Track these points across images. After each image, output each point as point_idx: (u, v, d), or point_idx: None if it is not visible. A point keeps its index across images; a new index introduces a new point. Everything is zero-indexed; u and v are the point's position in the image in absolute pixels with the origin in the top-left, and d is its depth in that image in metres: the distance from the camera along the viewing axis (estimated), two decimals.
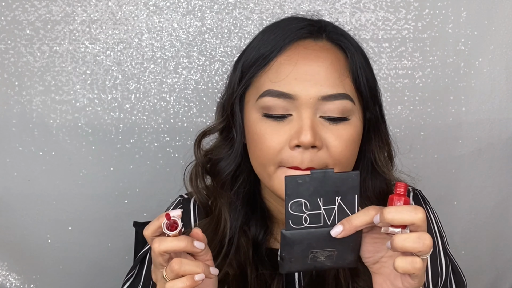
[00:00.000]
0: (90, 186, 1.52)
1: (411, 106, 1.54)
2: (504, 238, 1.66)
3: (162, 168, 1.52)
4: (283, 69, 0.94)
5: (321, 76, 0.92)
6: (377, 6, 1.50)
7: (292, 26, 0.98)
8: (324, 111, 0.92)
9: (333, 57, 0.95)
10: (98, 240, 1.55)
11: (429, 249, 0.78)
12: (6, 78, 1.47)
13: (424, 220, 0.78)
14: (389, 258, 0.85)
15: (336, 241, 0.83)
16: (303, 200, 0.82)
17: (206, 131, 1.07)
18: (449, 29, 1.52)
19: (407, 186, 0.82)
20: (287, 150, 0.92)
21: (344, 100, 0.93)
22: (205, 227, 1.03)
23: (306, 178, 0.81)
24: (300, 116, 0.92)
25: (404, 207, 0.79)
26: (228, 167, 1.03)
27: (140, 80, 1.49)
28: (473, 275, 1.65)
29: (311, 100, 0.91)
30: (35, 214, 1.52)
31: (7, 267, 1.56)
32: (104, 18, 1.46)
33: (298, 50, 0.95)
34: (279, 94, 0.93)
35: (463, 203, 1.62)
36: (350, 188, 0.82)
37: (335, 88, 0.92)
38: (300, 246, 0.84)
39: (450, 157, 1.58)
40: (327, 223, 0.83)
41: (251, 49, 1.00)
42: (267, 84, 0.94)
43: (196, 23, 1.48)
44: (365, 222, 0.81)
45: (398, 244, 0.78)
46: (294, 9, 1.48)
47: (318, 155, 0.92)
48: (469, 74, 1.54)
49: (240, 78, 1.00)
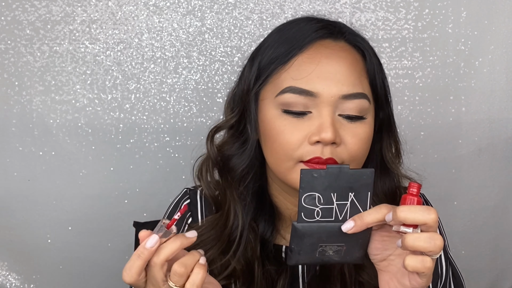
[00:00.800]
0: (90, 186, 1.52)
1: (411, 106, 1.54)
2: (504, 238, 1.66)
3: (162, 168, 1.52)
4: (305, 67, 0.95)
5: (342, 75, 0.95)
6: (377, 6, 1.50)
7: (310, 25, 1.00)
8: (343, 109, 0.95)
9: (352, 57, 0.97)
10: (98, 240, 1.55)
11: (439, 250, 0.79)
12: (6, 78, 1.47)
13: (436, 221, 0.79)
14: (397, 256, 0.86)
15: (345, 237, 0.84)
16: (317, 194, 0.83)
17: (219, 126, 1.08)
18: (449, 29, 1.52)
19: (420, 187, 0.83)
20: (306, 145, 0.94)
21: (363, 100, 0.95)
22: (215, 222, 1.04)
23: (321, 173, 0.82)
24: (320, 114, 0.94)
25: (417, 207, 0.80)
26: (242, 164, 1.04)
27: (140, 80, 1.49)
28: (473, 275, 1.65)
29: (332, 98, 0.93)
30: (35, 214, 1.52)
31: (7, 267, 1.56)
32: (104, 18, 1.46)
33: (319, 50, 0.97)
34: (301, 91, 0.94)
35: (463, 203, 1.62)
36: (363, 185, 0.83)
37: (355, 88, 0.95)
38: (310, 239, 0.85)
39: (450, 157, 1.58)
40: (338, 218, 0.84)
41: (267, 47, 1.01)
42: (288, 81, 0.96)
43: (196, 23, 1.48)
44: (377, 219, 0.82)
45: (409, 243, 0.79)
46: (294, 9, 1.48)
47: (336, 151, 0.94)
48: (469, 74, 1.54)
49: (257, 75, 1.01)
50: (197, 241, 0.99)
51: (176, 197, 1.14)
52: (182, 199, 1.12)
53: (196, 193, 1.12)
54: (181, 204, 1.12)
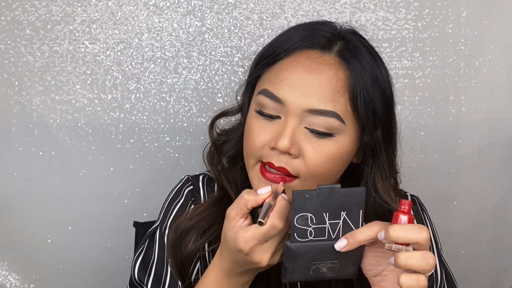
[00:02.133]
0: (90, 186, 1.52)
1: (411, 106, 1.54)
2: (504, 238, 1.66)
3: (162, 168, 1.52)
4: (282, 74, 0.96)
5: (313, 89, 0.93)
6: (377, 6, 1.50)
7: (306, 32, 1.00)
8: (310, 123, 0.94)
9: (332, 73, 0.95)
10: (98, 240, 1.55)
11: (432, 268, 0.80)
12: (6, 78, 1.47)
13: (428, 240, 0.81)
14: (390, 272, 0.87)
15: (339, 254, 0.85)
16: (309, 214, 0.84)
17: (223, 112, 1.12)
18: (449, 29, 1.52)
19: (411, 204, 0.83)
20: (267, 148, 0.95)
21: (331, 118, 0.93)
22: (218, 199, 1.06)
23: (313, 193, 0.83)
24: (285, 122, 0.94)
25: (409, 226, 0.81)
26: (230, 150, 1.08)
27: (140, 80, 1.49)
28: (473, 275, 1.65)
29: (297, 110, 0.93)
30: (35, 214, 1.52)
31: (7, 267, 1.56)
32: (104, 18, 1.46)
33: (300, 59, 0.96)
34: (271, 96, 0.95)
35: (463, 203, 1.61)
36: (355, 204, 0.84)
37: (323, 104, 0.93)
38: (304, 258, 0.86)
39: (450, 157, 1.58)
40: (331, 237, 0.85)
41: (271, 42, 1.03)
42: (266, 83, 0.97)
43: (196, 23, 1.48)
44: (369, 237, 0.83)
45: (403, 262, 0.80)
46: (294, 9, 1.48)
47: (292, 162, 0.94)
48: (469, 74, 1.54)
49: (253, 70, 1.04)
50: (201, 216, 1.02)
51: (178, 184, 1.14)
52: (184, 186, 1.13)
53: (198, 180, 1.13)
54: (183, 190, 1.12)
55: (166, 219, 1.08)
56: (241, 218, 0.89)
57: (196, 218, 1.03)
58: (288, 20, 1.48)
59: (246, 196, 0.89)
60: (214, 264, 0.94)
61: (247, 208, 0.89)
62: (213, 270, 0.94)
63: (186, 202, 1.10)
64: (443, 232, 1.37)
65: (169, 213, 1.09)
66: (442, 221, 1.51)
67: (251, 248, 0.86)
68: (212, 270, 0.94)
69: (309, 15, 1.49)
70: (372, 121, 0.97)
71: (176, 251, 1.02)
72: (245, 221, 0.89)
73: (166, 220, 1.08)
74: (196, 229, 1.03)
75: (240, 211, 0.89)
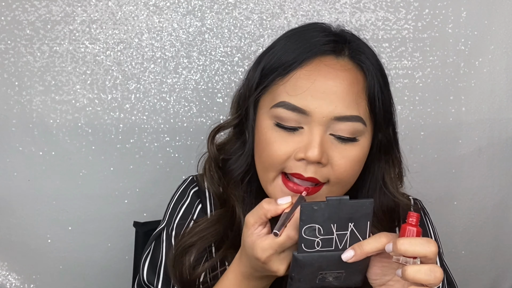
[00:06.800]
0: (90, 186, 1.52)
1: (411, 106, 1.54)
2: (504, 238, 1.66)
3: (162, 168, 1.52)
4: (301, 84, 0.94)
5: (338, 96, 0.93)
6: (377, 6, 1.50)
7: (316, 39, 0.98)
8: (335, 130, 0.93)
9: (352, 77, 0.95)
10: (98, 240, 1.55)
11: (439, 282, 0.81)
12: (6, 78, 1.47)
13: (436, 253, 0.81)
14: (396, 282, 0.87)
15: (345, 263, 0.86)
16: (317, 225, 0.84)
17: (221, 126, 1.09)
18: (449, 29, 1.52)
19: (419, 216, 0.84)
20: (292, 160, 0.94)
21: (356, 123, 0.94)
22: (221, 216, 1.05)
23: (321, 205, 0.83)
24: (311, 131, 0.93)
25: (417, 240, 0.81)
26: (239, 168, 1.05)
27: (140, 80, 1.49)
28: (473, 275, 1.65)
29: (324, 119, 0.92)
30: (35, 214, 1.52)
31: (7, 267, 1.56)
32: (104, 18, 1.46)
33: (319, 67, 0.95)
34: (293, 108, 0.93)
35: (463, 203, 1.62)
36: (363, 215, 0.84)
37: (349, 110, 0.93)
38: (311, 268, 0.86)
39: (450, 157, 1.58)
40: (338, 247, 0.85)
41: (273, 54, 1.00)
42: (283, 96, 0.95)
43: (196, 23, 1.48)
44: (376, 249, 0.83)
45: (410, 275, 0.80)
46: (294, 9, 1.48)
47: (321, 170, 0.94)
48: (469, 74, 1.54)
49: (258, 82, 1.00)
50: (202, 234, 1.01)
51: (182, 185, 1.14)
52: (189, 187, 1.12)
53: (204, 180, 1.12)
54: (189, 191, 1.12)
55: (172, 220, 1.08)
56: (259, 225, 0.89)
57: (197, 236, 1.03)
58: (288, 20, 1.48)
59: (266, 206, 0.88)
60: (233, 267, 0.94)
61: (266, 218, 0.88)
62: (232, 272, 0.94)
63: (192, 204, 1.09)
64: (443, 232, 1.37)
65: (175, 214, 1.09)
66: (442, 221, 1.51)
67: (267, 257, 0.86)
68: (231, 272, 0.94)
69: (309, 15, 1.49)
70: (388, 119, 1.00)
71: (176, 270, 1.02)
72: (263, 229, 0.88)
73: (172, 221, 1.08)
74: (196, 247, 1.02)
75: (259, 219, 0.88)
